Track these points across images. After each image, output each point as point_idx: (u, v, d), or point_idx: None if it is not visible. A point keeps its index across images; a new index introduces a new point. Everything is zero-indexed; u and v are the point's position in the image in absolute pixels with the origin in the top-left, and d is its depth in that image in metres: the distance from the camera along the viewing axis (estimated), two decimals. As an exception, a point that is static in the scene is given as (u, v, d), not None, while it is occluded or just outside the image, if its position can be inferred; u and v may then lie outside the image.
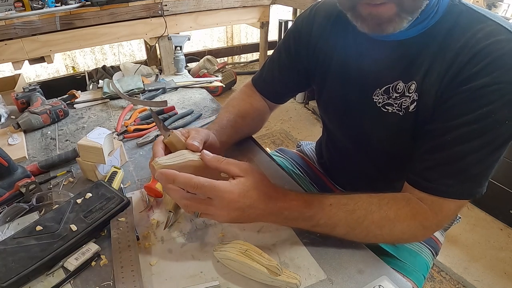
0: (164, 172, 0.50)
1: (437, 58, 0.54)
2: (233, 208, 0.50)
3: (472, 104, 0.50)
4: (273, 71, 0.82)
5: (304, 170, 0.97)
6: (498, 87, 0.48)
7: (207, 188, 0.49)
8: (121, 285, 0.50)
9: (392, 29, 0.52)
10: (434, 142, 0.55)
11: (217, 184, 0.49)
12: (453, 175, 0.53)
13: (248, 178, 0.52)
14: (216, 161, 0.53)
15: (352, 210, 0.54)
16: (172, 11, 2.19)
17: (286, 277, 0.50)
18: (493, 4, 1.78)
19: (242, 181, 0.51)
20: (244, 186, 0.50)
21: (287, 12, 3.17)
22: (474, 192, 0.54)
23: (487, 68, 0.49)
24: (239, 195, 0.50)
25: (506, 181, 1.62)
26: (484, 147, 0.51)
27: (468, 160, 0.52)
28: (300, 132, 2.58)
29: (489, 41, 0.50)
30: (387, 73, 0.61)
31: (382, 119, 0.63)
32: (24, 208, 0.64)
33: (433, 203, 0.55)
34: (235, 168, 0.52)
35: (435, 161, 0.55)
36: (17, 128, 0.92)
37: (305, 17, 0.75)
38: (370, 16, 0.52)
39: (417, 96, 0.57)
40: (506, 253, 1.57)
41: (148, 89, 1.15)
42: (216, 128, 0.72)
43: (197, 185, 0.49)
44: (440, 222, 0.57)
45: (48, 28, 1.87)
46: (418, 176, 0.57)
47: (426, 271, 0.75)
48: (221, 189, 0.49)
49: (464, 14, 0.54)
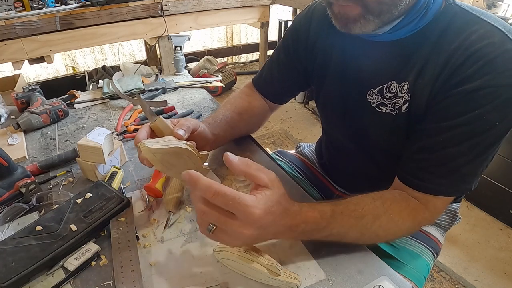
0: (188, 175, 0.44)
1: (430, 59, 0.55)
2: (256, 226, 0.44)
3: (464, 107, 0.51)
4: (272, 71, 0.82)
5: (304, 173, 0.97)
6: (490, 91, 0.49)
7: (230, 198, 0.42)
8: (121, 285, 0.50)
9: (358, 30, 0.53)
10: (426, 142, 0.56)
11: (242, 196, 0.42)
12: (444, 175, 0.55)
13: (274, 191, 0.46)
14: (245, 165, 0.47)
15: (361, 215, 0.54)
16: (172, 11, 2.19)
17: (286, 277, 0.50)
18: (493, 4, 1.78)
19: (268, 195, 0.45)
20: (270, 201, 0.45)
21: (287, 12, 3.16)
22: (463, 189, 0.57)
23: (480, 71, 0.49)
24: (265, 211, 0.44)
25: (506, 181, 1.62)
26: (475, 148, 0.53)
27: (459, 161, 0.54)
28: (300, 132, 2.58)
29: (483, 43, 0.50)
30: (381, 73, 0.62)
31: (377, 119, 0.64)
32: (24, 208, 0.64)
33: (428, 201, 0.58)
34: (265, 176, 0.47)
35: (427, 162, 0.56)
36: (17, 128, 0.92)
37: (302, 16, 0.75)
38: (339, 15, 0.54)
39: (409, 97, 0.58)
40: (506, 253, 1.57)
41: (148, 89, 1.15)
42: (210, 121, 0.72)
43: (218, 192, 0.42)
44: (433, 218, 0.60)
45: (48, 28, 1.87)
46: (410, 175, 0.58)
47: (426, 272, 0.75)
48: (247, 203, 0.42)
49: (458, 15, 0.54)
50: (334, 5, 0.54)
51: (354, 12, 0.52)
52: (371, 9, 0.51)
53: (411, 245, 0.77)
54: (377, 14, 0.52)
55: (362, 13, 0.52)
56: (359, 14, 0.52)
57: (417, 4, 0.53)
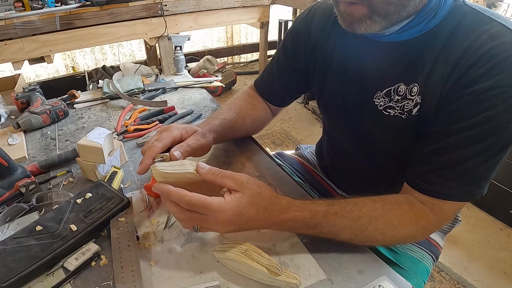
0: (159, 187, 0.50)
1: (440, 59, 0.54)
2: (228, 225, 0.49)
3: (476, 108, 0.50)
4: (273, 73, 0.82)
5: (304, 176, 0.96)
6: (502, 91, 0.48)
7: (199, 206, 0.47)
8: (121, 285, 0.50)
9: (364, 30, 0.53)
10: (436, 145, 0.54)
11: (208, 203, 0.47)
12: (454, 178, 0.53)
13: (244, 193, 0.49)
14: (211, 174, 0.51)
15: (357, 217, 0.54)
16: (172, 11, 2.19)
17: (286, 277, 0.50)
18: (493, 4, 1.78)
19: (237, 198, 0.49)
20: (239, 203, 0.48)
21: (287, 12, 3.17)
22: (474, 194, 0.54)
23: (492, 71, 0.48)
24: (233, 214, 0.48)
25: (506, 181, 1.62)
26: (486, 150, 0.51)
27: (470, 164, 0.52)
28: (300, 132, 2.57)
29: (494, 43, 0.49)
30: (387, 75, 0.60)
31: (384, 122, 0.62)
32: (24, 208, 0.64)
33: (434, 205, 0.55)
34: (230, 181, 0.50)
35: (436, 164, 0.54)
36: (17, 128, 0.92)
37: (303, 18, 0.75)
38: (345, 14, 0.53)
39: (420, 99, 0.56)
40: (506, 253, 1.57)
41: (148, 89, 1.15)
42: (218, 130, 0.72)
43: (189, 203, 0.47)
44: (441, 224, 0.57)
45: (48, 28, 1.87)
46: (419, 179, 0.56)
47: (426, 277, 0.75)
48: (214, 208, 0.47)
49: (469, 15, 0.53)
50: (340, 3, 0.53)
51: (360, 12, 0.51)
52: (378, 10, 0.50)
53: (412, 250, 0.76)
54: (383, 15, 0.51)
55: (368, 14, 0.51)
56: (365, 15, 0.51)
57: (427, 5, 0.53)
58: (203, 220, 0.49)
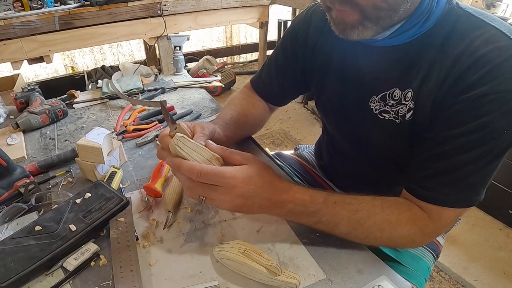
0: (171, 161, 0.52)
1: (435, 65, 0.53)
2: (236, 194, 0.50)
3: (471, 114, 0.49)
4: (271, 73, 0.82)
5: (303, 176, 0.96)
6: (497, 96, 0.47)
7: (211, 174, 0.49)
8: (120, 285, 0.50)
9: (356, 36, 0.52)
10: (432, 151, 0.54)
11: (221, 170, 0.50)
12: (451, 185, 0.53)
13: (251, 165, 0.53)
14: (220, 149, 0.55)
15: (356, 210, 0.54)
16: (172, 11, 2.19)
17: (285, 277, 0.50)
18: (492, 4, 1.79)
19: (245, 168, 0.52)
20: (248, 172, 0.51)
21: (287, 12, 3.16)
22: (472, 200, 0.54)
23: (487, 76, 0.48)
24: (243, 181, 0.50)
25: (505, 181, 1.62)
26: (483, 156, 0.50)
27: (467, 170, 0.52)
28: (300, 132, 2.58)
29: (488, 48, 0.48)
30: (383, 79, 0.60)
31: (379, 126, 0.62)
32: (23, 208, 0.64)
33: (432, 211, 0.55)
34: (239, 156, 0.54)
35: (433, 170, 0.54)
36: (16, 128, 0.92)
37: (301, 18, 0.75)
38: (337, 20, 0.53)
39: (413, 105, 0.56)
40: (505, 253, 1.57)
41: (147, 89, 1.15)
42: (221, 123, 0.72)
43: (200, 172, 0.49)
44: (439, 230, 0.57)
45: (47, 28, 1.87)
46: (416, 185, 0.56)
47: (427, 274, 0.75)
48: (225, 175, 0.50)
49: (462, 19, 0.52)
50: (332, 10, 0.53)
51: (351, 18, 0.51)
52: (369, 16, 0.50)
53: (413, 248, 0.77)
54: (375, 20, 0.50)
55: (360, 20, 0.50)
56: (357, 21, 0.51)
57: (419, 9, 0.52)
58: (212, 189, 0.51)
